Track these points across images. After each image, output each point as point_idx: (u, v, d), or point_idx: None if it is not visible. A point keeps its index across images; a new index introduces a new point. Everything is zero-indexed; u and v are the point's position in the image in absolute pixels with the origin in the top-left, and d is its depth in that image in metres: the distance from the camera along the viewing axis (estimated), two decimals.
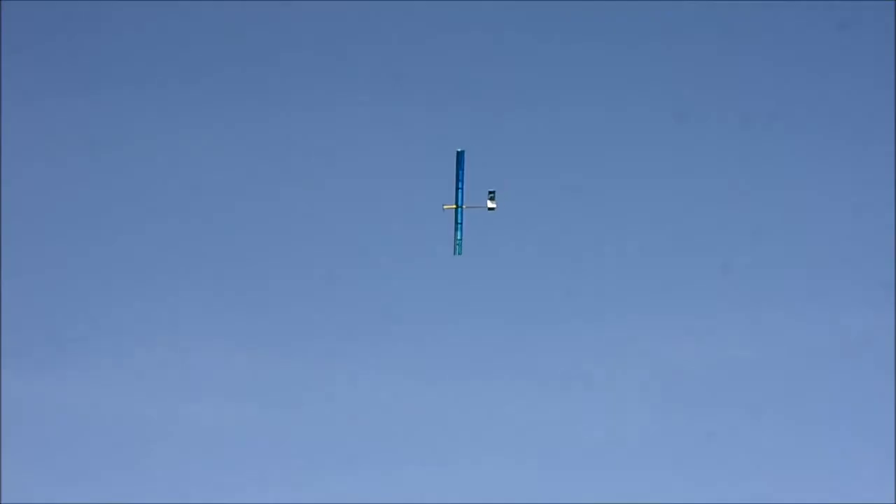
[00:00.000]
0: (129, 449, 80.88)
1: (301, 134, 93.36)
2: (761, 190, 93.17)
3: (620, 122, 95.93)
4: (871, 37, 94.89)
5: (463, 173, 68.90)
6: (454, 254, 71.21)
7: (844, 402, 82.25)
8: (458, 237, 70.74)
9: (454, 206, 70.12)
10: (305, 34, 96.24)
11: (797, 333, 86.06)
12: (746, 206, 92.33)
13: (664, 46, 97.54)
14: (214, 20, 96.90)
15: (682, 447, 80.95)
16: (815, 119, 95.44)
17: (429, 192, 71.32)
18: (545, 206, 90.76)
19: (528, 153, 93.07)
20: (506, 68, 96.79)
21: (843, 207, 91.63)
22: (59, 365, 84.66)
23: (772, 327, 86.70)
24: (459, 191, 69.57)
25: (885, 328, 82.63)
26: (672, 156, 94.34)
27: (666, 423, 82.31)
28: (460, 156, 68.55)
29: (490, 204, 69.97)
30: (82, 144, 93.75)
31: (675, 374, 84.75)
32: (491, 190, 70.06)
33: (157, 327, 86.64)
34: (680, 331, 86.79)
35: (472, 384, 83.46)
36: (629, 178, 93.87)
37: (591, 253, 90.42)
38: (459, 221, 70.44)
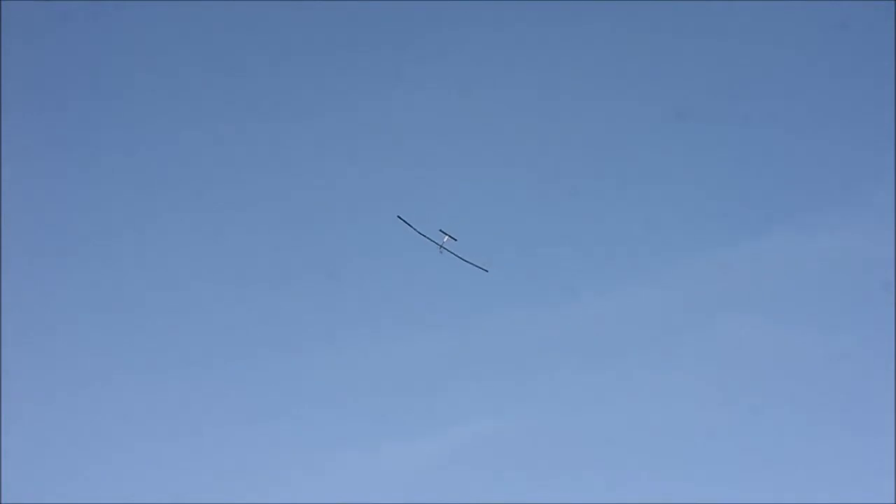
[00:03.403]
0: None
1: None
2: (760, 190, 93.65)
3: (620, 121, 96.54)
4: (871, 37, 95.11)
5: (417, 230, 73.15)
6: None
7: (844, 403, 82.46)
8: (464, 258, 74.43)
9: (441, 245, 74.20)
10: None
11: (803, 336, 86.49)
12: (745, 205, 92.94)
13: (664, 46, 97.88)
14: None
15: (680, 445, 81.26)
16: (815, 119, 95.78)
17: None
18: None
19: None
20: (500, 66, 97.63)
21: (843, 207, 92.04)
22: None
23: (774, 325, 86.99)
24: (428, 239, 73.55)
25: (885, 328, 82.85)
26: (671, 154, 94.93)
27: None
28: (402, 220, 72.96)
29: (446, 239, 73.86)
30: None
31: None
32: (440, 229, 73.63)
33: None
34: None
35: None
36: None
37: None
38: (453, 252, 74.41)
